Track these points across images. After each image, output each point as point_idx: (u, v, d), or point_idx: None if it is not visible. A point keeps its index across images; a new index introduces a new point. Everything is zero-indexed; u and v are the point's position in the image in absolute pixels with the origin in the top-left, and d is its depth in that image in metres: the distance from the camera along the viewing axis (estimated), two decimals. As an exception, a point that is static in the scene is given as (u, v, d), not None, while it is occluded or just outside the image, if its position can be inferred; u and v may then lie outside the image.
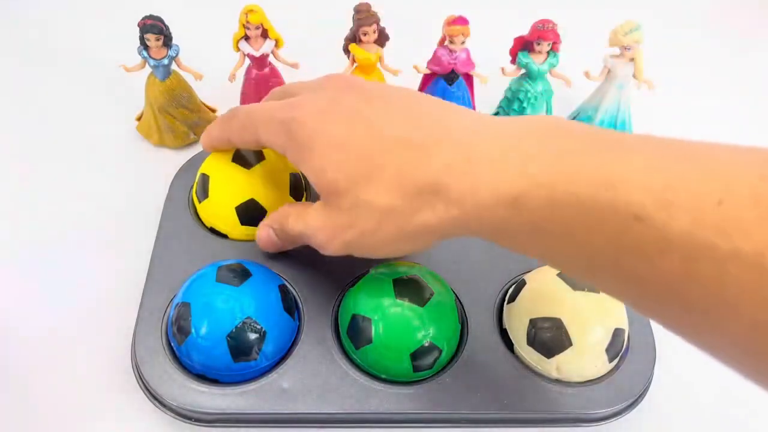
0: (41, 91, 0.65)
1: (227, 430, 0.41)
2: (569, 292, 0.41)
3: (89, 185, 0.56)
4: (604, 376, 0.42)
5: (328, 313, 0.44)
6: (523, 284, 0.44)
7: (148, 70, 0.55)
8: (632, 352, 0.43)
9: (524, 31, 0.56)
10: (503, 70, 0.58)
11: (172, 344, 0.42)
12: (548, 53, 0.56)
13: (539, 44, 0.55)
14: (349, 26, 0.55)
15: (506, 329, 0.44)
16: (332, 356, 0.42)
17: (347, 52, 0.56)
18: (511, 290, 0.45)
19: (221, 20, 0.59)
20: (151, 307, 0.44)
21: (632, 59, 0.56)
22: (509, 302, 0.44)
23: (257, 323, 0.40)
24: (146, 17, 0.52)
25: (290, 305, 0.43)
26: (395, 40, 0.57)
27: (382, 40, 0.56)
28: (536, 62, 0.56)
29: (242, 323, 0.40)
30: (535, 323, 0.41)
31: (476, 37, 0.56)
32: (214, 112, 0.61)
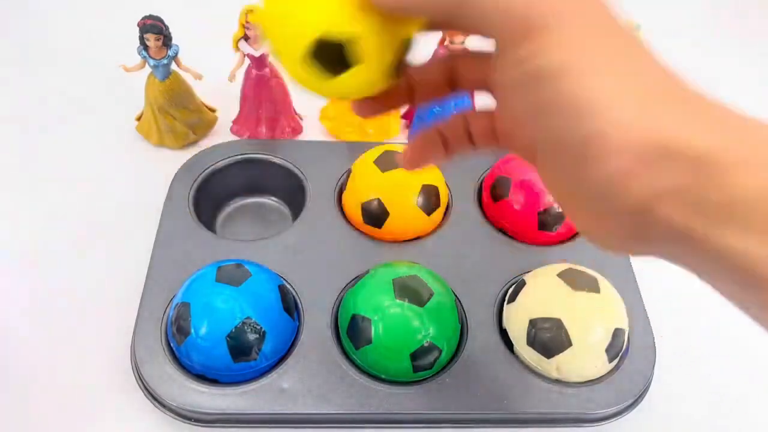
0: (41, 91, 0.65)
1: (227, 430, 0.41)
2: (569, 292, 0.41)
3: (89, 185, 0.56)
4: (604, 376, 0.42)
5: (327, 313, 0.44)
6: (522, 284, 0.44)
7: (147, 70, 0.55)
8: (632, 352, 0.43)
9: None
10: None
11: (171, 344, 0.42)
12: (548, 53, 0.56)
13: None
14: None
15: (506, 329, 0.44)
16: (332, 356, 0.42)
17: (347, 52, 0.56)
18: (511, 290, 0.45)
19: (221, 20, 0.59)
20: (150, 307, 0.44)
21: (632, 59, 0.56)
22: (509, 302, 0.44)
23: (257, 323, 0.40)
24: (146, 17, 0.52)
25: (290, 305, 0.43)
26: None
27: (381, 40, 0.55)
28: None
29: (242, 323, 0.40)
30: (535, 323, 0.41)
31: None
32: (213, 112, 0.61)
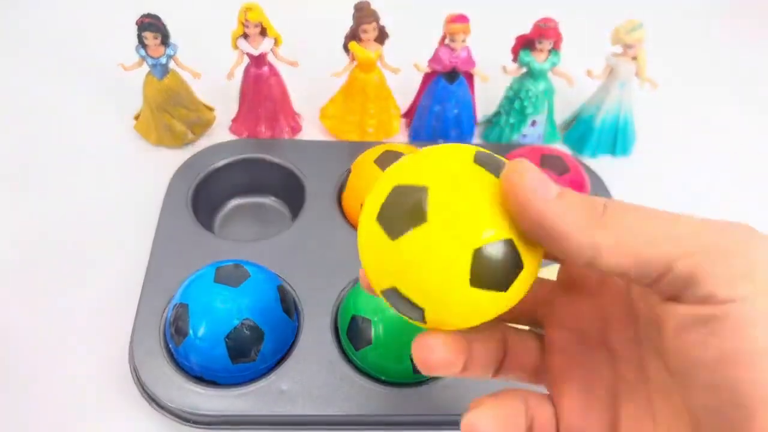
0: (39, 90, 0.64)
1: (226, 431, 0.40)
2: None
3: (86, 185, 0.55)
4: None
5: (327, 314, 0.44)
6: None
7: (146, 68, 0.55)
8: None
9: (526, 29, 0.55)
10: (504, 68, 0.58)
11: (169, 345, 0.41)
12: (550, 52, 0.56)
13: (541, 43, 0.55)
14: (348, 24, 0.55)
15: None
16: (331, 358, 0.42)
17: (347, 50, 0.56)
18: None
19: (220, 18, 0.58)
20: (149, 307, 0.43)
21: (634, 58, 0.56)
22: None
23: (256, 324, 0.40)
24: (144, 15, 0.51)
25: (289, 306, 0.43)
26: (395, 38, 0.56)
27: (382, 38, 0.55)
28: (538, 61, 0.56)
29: (241, 324, 0.39)
30: (536, 324, 0.41)
31: (477, 35, 0.56)
32: (212, 111, 0.60)
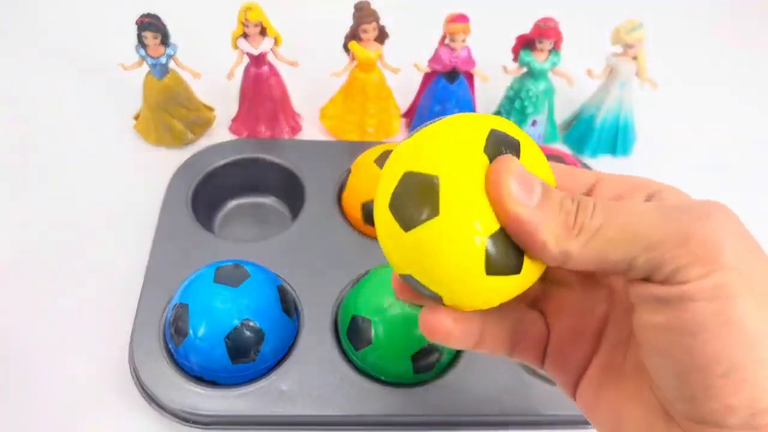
0: (38, 89, 0.64)
1: (225, 432, 0.40)
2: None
3: (86, 185, 0.55)
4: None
5: (327, 314, 0.44)
6: None
7: (145, 68, 0.54)
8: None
9: (526, 29, 0.55)
10: (505, 68, 0.58)
11: (169, 346, 0.41)
12: (550, 51, 0.56)
13: (541, 42, 0.55)
14: (348, 24, 0.54)
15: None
16: (332, 358, 0.42)
17: (347, 50, 0.56)
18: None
19: (220, 18, 0.58)
20: (148, 307, 0.43)
21: (635, 58, 0.55)
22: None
23: (256, 324, 0.40)
24: (144, 15, 0.51)
25: (289, 306, 0.43)
26: (395, 38, 0.56)
27: (382, 38, 0.55)
28: (538, 60, 0.56)
29: (241, 324, 0.39)
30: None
31: (477, 35, 0.56)
32: (212, 110, 0.60)
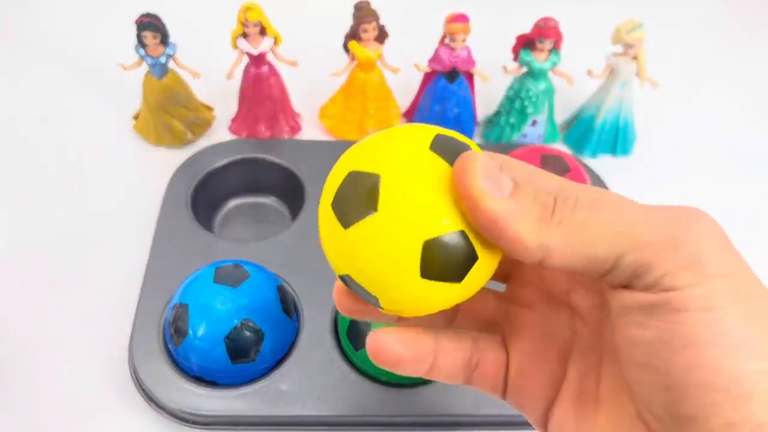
0: (37, 89, 0.64)
1: (225, 432, 0.40)
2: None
3: (86, 185, 0.55)
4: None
5: (327, 314, 0.44)
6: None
7: (145, 68, 0.54)
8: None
9: (526, 29, 0.55)
10: (505, 68, 0.58)
11: (169, 346, 0.41)
12: (550, 51, 0.56)
13: (541, 42, 0.54)
14: (348, 24, 0.54)
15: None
16: (331, 358, 0.42)
17: (347, 49, 0.56)
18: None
19: (219, 18, 0.58)
20: (148, 308, 0.43)
21: (635, 57, 0.55)
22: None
23: (255, 324, 0.40)
24: (143, 15, 0.51)
25: (289, 306, 0.43)
26: (395, 38, 0.56)
27: (381, 37, 0.55)
28: (538, 60, 0.56)
29: (240, 324, 0.39)
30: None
31: (477, 35, 0.56)
32: (211, 110, 0.60)
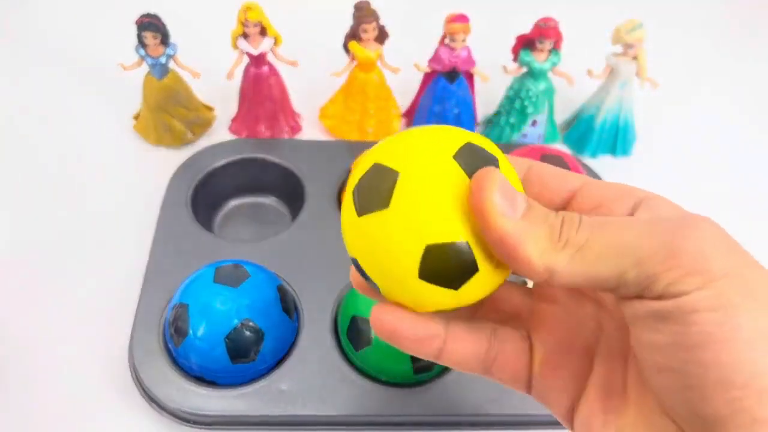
0: (38, 89, 0.64)
1: (225, 432, 0.40)
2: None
3: (86, 185, 0.55)
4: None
5: (327, 314, 0.44)
6: (524, 284, 0.43)
7: (145, 68, 0.54)
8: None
9: (526, 29, 0.55)
10: (505, 68, 0.58)
11: (169, 346, 0.41)
12: (550, 51, 0.56)
13: (541, 42, 0.54)
14: (348, 24, 0.54)
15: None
16: (331, 358, 0.42)
17: (347, 49, 0.56)
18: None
19: (219, 18, 0.58)
20: (148, 307, 0.43)
21: (635, 57, 0.55)
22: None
23: (256, 324, 0.40)
24: (144, 15, 0.51)
25: (289, 306, 0.43)
26: (395, 38, 0.56)
27: (381, 37, 0.55)
28: (538, 60, 0.56)
29: (240, 324, 0.39)
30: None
31: (477, 35, 0.56)
32: (211, 110, 0.60)
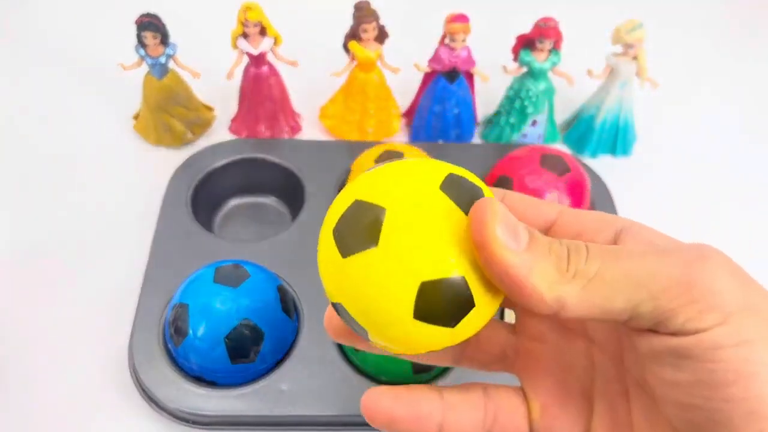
0: (38, 89, 0.64)
1: (225, 432, 0.40)
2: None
3: (86, 185, 0.55)
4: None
5: (327, 314, 0.44)
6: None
7: (145, 68, 0.54)
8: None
9: (526, 29, 0.55)
10: (505, 68, 0.58)
11: (169, 346, 0.41)
12: (550, 51, 0.56)
13: (541, 42, 0.54)
14: (348, 24, 0.54)
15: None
16: (331, 358, 0.42)
17: (347, 49, 0.56)
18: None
19: (219, 18, 0.58)
20: (148, 307, 0.43)
21: (635, 57, 0.55)
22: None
23: (255, 324, 0.40)
24: (143, 15, 0.51)
25: (289, 306, 0.43)
26: (395, 38, 0.56)
27: (381, 37, 0.55)
28: (538, 60, 0.56)
29: (240, 324, 0.39)
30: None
31: (477, 35, 0.56)
32: (211, 110, 0.60)
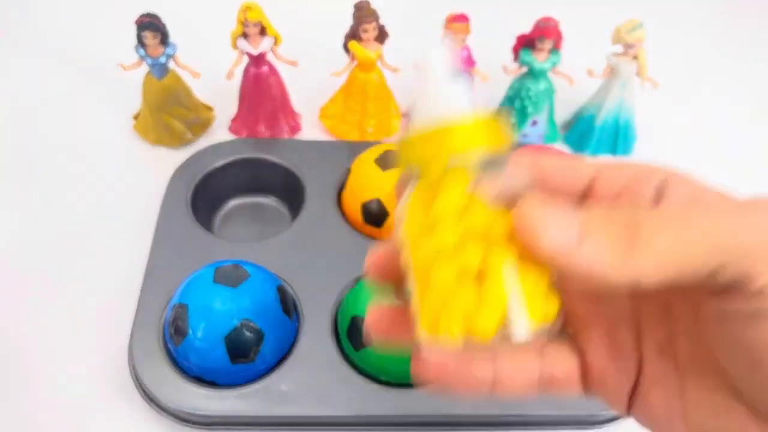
0: (38, 89, 0.64)
1: (225, 433, 0.40)
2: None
3: (85, 185, 0.55)
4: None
5: (327, 314, 0.44)
6: None
7: (145, 68, 0.54)
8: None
9: (526, 29, 0.55)
10: (505, 68, 0.58)
11: (169, 346, 0.41)
12: (550, 51, 0.56)
13: (541, 42, 0.54)
14: (348, 24, 0.54)
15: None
16: (331, 358, 0.42)
17: (347, 49, 0.56)
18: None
19: (219, 18, 0.58)
20: (148, 308, 0.43)
21: (635, 57, 0.55)
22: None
23: (255, 325, 0.39)
24: (143, 15, 0.51)
25: (289, 306, 0.43)
26: (395, 37, 0.56)
27: (381, 37, 0.55)
28: (538, 60, 0.56)
29: (240, 325, 0.39)
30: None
31: (477, 35, 0.56)
32: (211, 110, 0.60)
